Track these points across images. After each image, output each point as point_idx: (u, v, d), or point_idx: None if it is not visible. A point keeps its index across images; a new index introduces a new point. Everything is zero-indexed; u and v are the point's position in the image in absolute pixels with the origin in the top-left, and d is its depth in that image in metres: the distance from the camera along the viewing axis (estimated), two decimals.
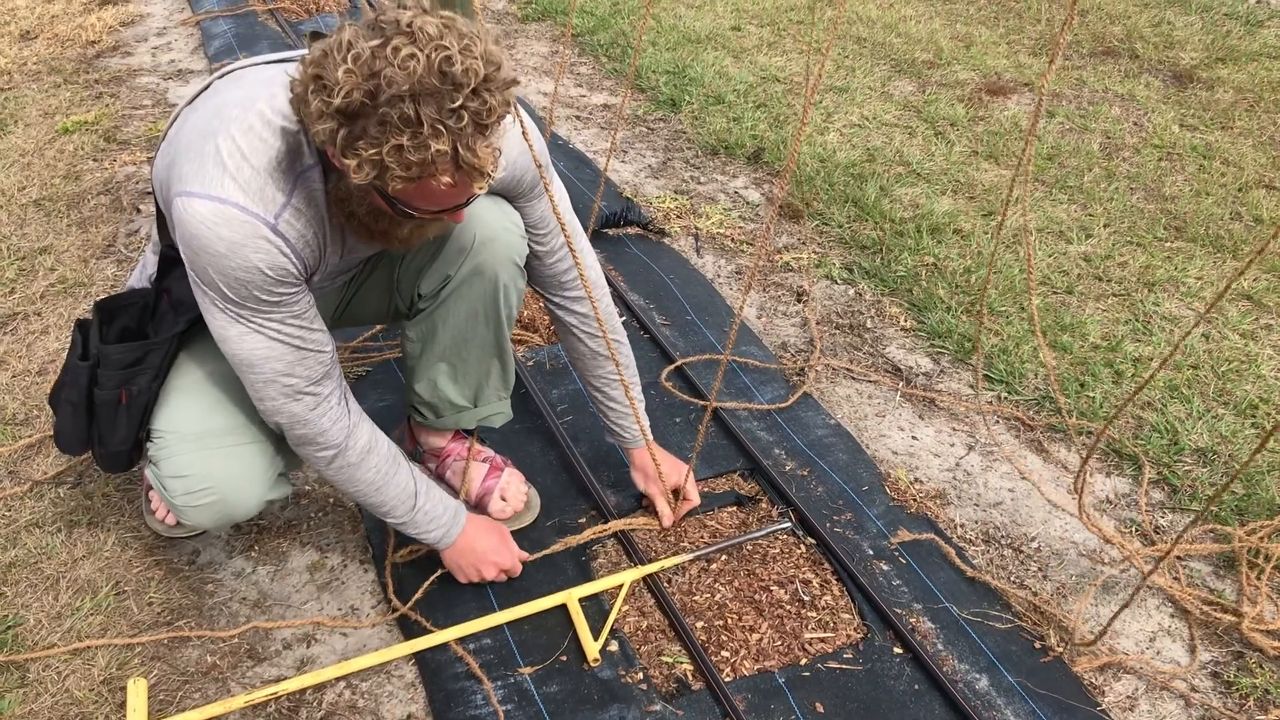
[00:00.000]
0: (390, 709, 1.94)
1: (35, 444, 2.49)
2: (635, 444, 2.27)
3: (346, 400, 1.88)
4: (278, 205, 1.63)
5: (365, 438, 1.89)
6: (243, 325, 1.70)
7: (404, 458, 1.98)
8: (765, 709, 1.94)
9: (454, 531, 2.05)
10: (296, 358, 1.76)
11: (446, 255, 2.02)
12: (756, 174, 3.98)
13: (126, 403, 1.90)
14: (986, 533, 2.38)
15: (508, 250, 2.01)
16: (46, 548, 2.22)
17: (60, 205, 3.51)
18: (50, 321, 2.93)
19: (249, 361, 1.74)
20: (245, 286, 1.65)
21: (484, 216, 1.98)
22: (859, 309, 3.17)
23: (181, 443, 1.88)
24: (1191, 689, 2.04)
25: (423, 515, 1.99)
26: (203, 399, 1.91)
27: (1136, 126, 4.47)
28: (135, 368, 1.89)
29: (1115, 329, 3.08)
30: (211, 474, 1.88)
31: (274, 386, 1.77)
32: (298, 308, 1.74)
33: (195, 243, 1.61)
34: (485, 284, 2.05)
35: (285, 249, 1.65)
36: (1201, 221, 3.68)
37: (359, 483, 1.91)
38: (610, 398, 2.23)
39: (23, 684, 1.94)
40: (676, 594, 2.16)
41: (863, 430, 2.68)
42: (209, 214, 1.59)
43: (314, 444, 1.85)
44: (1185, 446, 2.62)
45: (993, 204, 3.76)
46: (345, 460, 1.88)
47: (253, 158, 1.61)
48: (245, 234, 1.61)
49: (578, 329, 2.16)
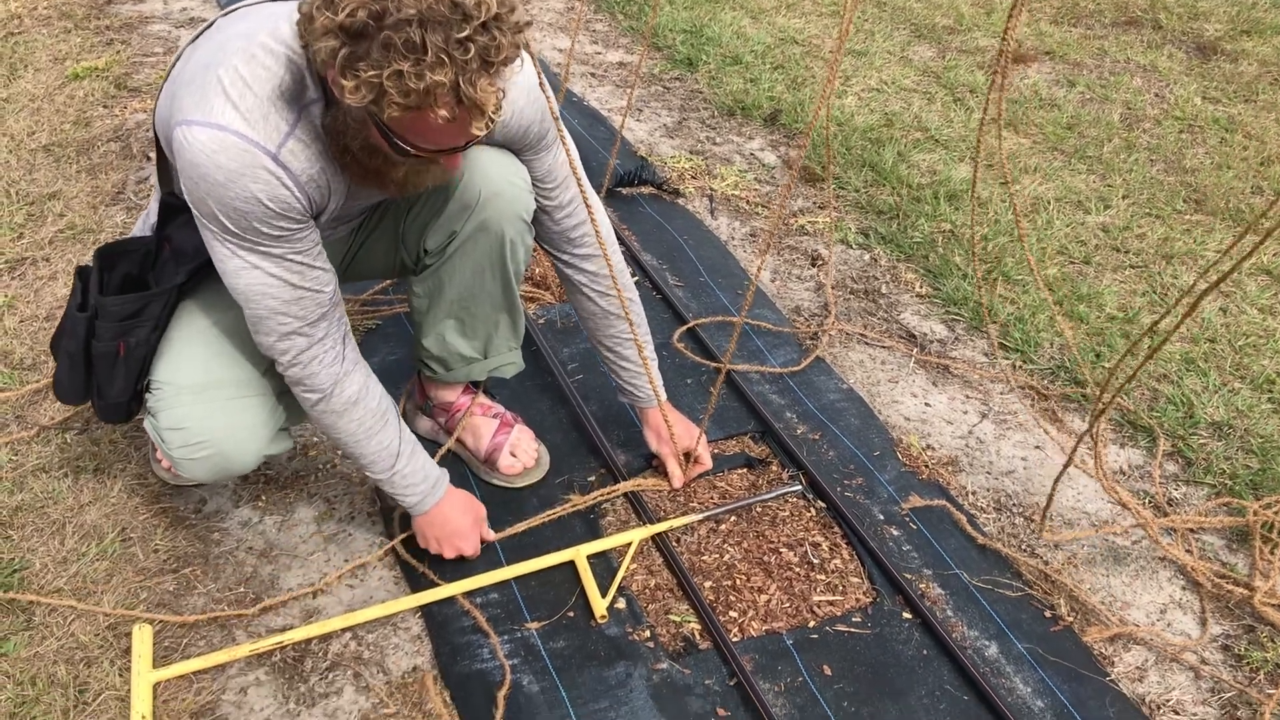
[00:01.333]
0: (396, 660, 1.93)
1: (42, 389, 2.48)
2: (648, 404, 2.25)
3: (344, 346, 1.84)
4: (280, 135, 1.60)
5: (354, 389, 1.86)
6: (241, 259, 1.67)
7: (395, 416, 1.95)
8: (772, 670, 1.93)
9: (429, 501, 2.01)
10: (293, 296, 1.73)
11: (451, 211, 1.99)
12: (773, 136, 3.93)
13: (124, 354, 1.87)
14: (998, 500, 2.36)
15: (514, 206, 1.98)
16: (53, 492, 2.21)
17: (70, 151, 3.48)
18: (59, 267, 2.90)
19: (246, 295, 1.71)
20: (245, 218, 1.61)
21: (489, 171, 1.94)
22: (874, 274, 3.14)
23: (180, 394, 1.86)
24: (1202, 661, 2.02)
25: (400, 478, 1.96)
26: (203, 351, 1.89)
27: (1158, 98, 4.41)
28: (133, 320, 1.86)
29: (1132, 300, 3.05)
30: (210, 427, 1.86)
31: (269, 322, 1.74)
32: (302, 244, 1.71)
33: (194, 171, 1.58)
34: (491, 240, 2.01)
35: (287, 180, 1.62)
36: (1222, 195, 3.63)
37: (339, 431, 1.89)
38: (623, 357, 2.20)
39: (28, 627, 1.94)
40: (685, 554, 2.15)
41: (875, 396, 2.65)
42: (208, 142, 1.55)
43: (302, 384, 1.83)
44: (1201, 420, 2.60)
45: (1011, 171, 3.71)
46: (329, 407, 1.85)
47: (255, 85, 1.57)
48: (245, 163, 1.57)
49: (589, 288, 2.13)
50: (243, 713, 1.83)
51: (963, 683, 1.92)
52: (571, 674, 1.90)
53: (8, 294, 2.79)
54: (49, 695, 1.82)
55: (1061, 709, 1.89)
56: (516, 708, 1.83)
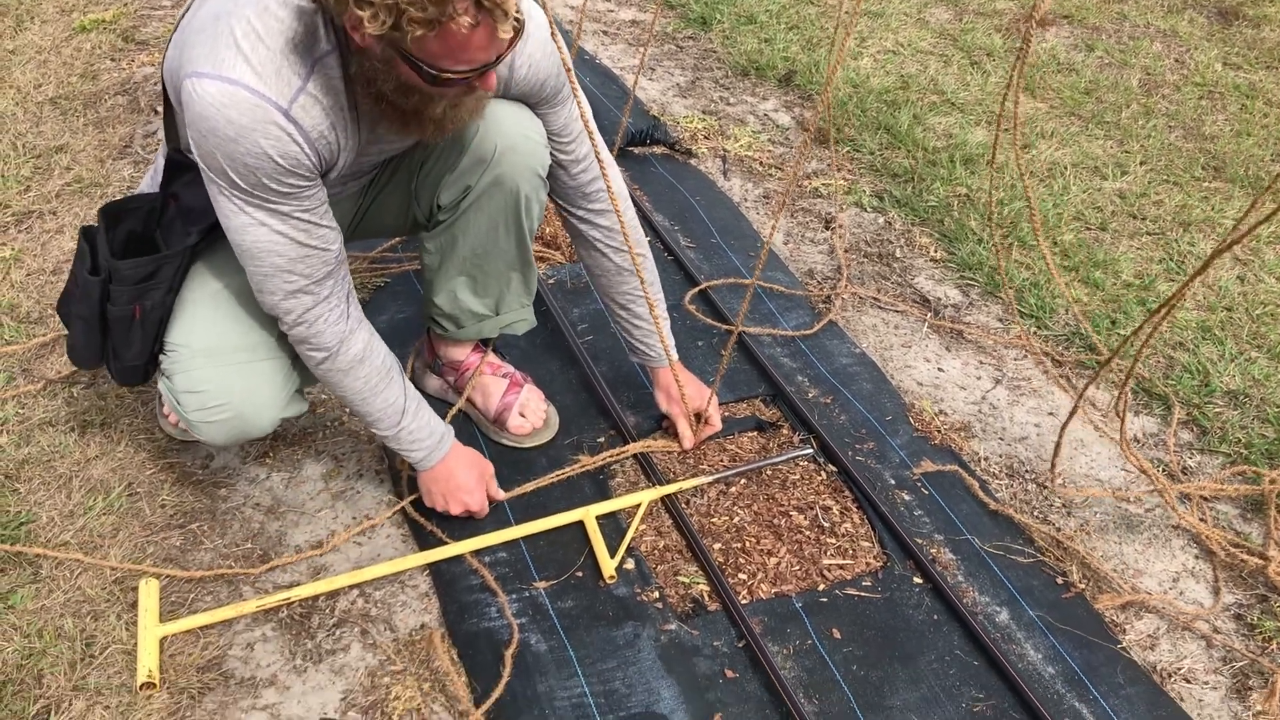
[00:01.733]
0: (403, 618, 1.93)
1: (49, 343, 2.46)
2: (659, 363, 2.23)
3: (348, 304, 1.83)
4: (293, 90, 1.57)
5: (359, 347, 1.85)
6: (248, 215, 1.65)
7: (400, 373, 1.94)
8: (781, 632, 1.92)
9: (435, 456, 2.00)
10: (299, 254, 1.70)
11: (466, 165, 1.95)
12: (787, 97, 3.88)
13: (140, 318, 1.85)
14: (1011, 467, 2.34)
15: (529, 160, 1.95)
16: (59, 446, 2.20)
17: (77, 104, 3.45)
18: (65, 221, 2.88)
19: (251, 252, 1.69)
20: (254, 174, 1.59)
21: (505, 125, 1.90)
22: (888, 238, 3.11)
23: (196, 357, 1.84)
24: (1214, 630, 2.01)
25: (406, 434, 1.95)
26: (218, 313, 1.87)
27: (1178, 63, 4.35)
28: (148, 283, 1.83)
29: (1149, 267, 3.01)
30: (227, 390, 1.85)
31: (274, 281, 1.72)
32: (309, 201, 1.68)
33: (203, 125, 1.55)
34: (506, 195, 1.98)
35: (298, 136, 1.59)
36: (1241, 162, 3.58)
37: (345, 389, 1.88)
38: (635, 315, 2.18)
39: (35, 579, 1.93)
40: (695, 515, 2.14)
41: (888, 360, 2.63)
42: (218, 95, 1.52)
43: (307, 343, 1.81)
44: (1216, 388, 2.57)
45: (1027, 136, 3.67)
46: (335, 365, 1.84)
47: (268, 39, 1.54)
48: (255, 118, 1.54)
49: (602, 243, 2.10)
50: (249, 668, 1.83)
51: (973, 648, 1.91)
52: (579, 634, 1.89)
53: (14, 247, 2.77)
54: (56, 648, 1.81)
55: (1072, 676, 1.88)
56: (524, 666, 1.83)
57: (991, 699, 1.83)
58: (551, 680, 1.81)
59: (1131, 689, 1.86)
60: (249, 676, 1.81)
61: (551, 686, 1.80)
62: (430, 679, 1.82)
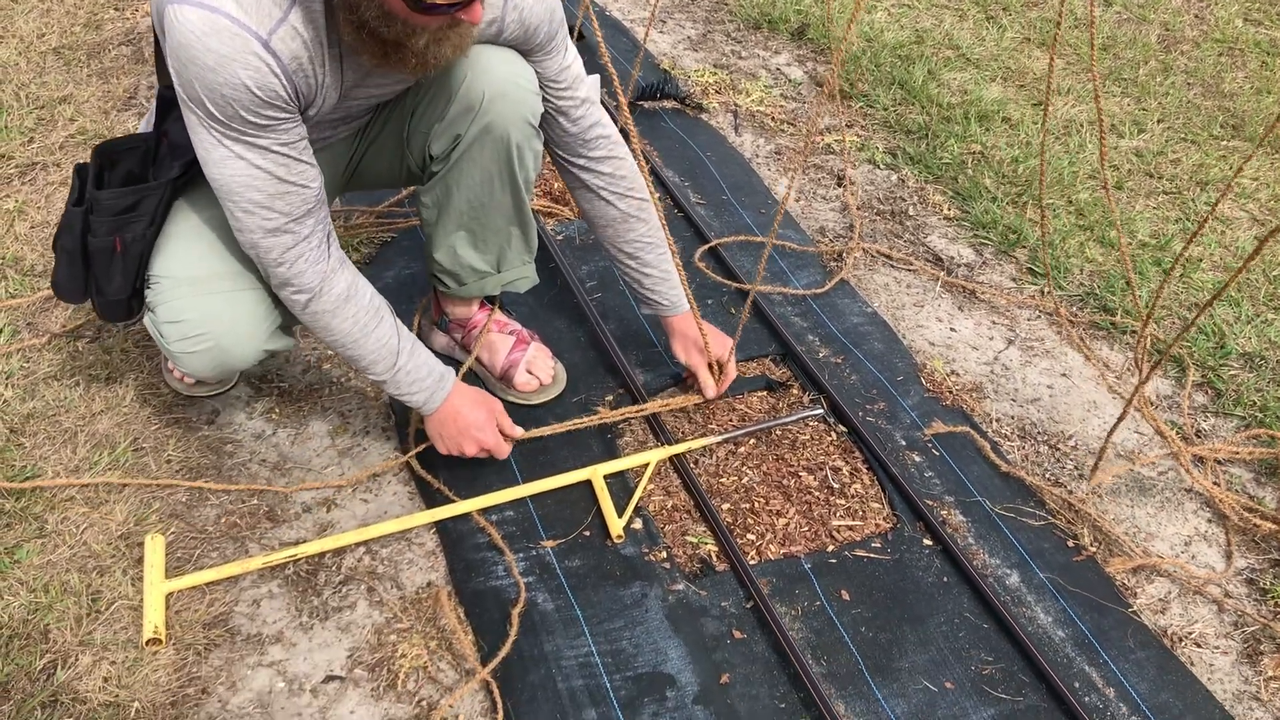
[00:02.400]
0: (410, 576, 1.92)
1: (54, 296, 2.44)
2: (676, 310, 2.18)
3: (329, 245, 1.80)
4: (273, 20, 1.54)
5: (343, 285, 1.81)
6: (225, 148, 1.62)
7: (390, 313, 1.90)
8: (790, 593, 1.91)
9: (438, 396, 1.95)
10: (278, 190, 1.68)
11: (454, 114, 1.91)
12: (800, 51, 3.82)
13: (121, 251, 1.83)
14: (1023, 428, 2.32)
15: (519, 108, 1.90)
16: (65, 401, 2.18)
17: (80, 54, 3.40)
18: (69, 173, 2.85)
19: (229, 188, 1.67)
20: (231, 105, 1.56)
21: (493, 72, 1.86)
22: (901, 195, 3.06)
23: (178, 286, 1.83)
24: (1226, 594, 1.99)
25: (404, 375, 1.91)
26: (200, 244, 1.85)
27: (1198, 19, 4.28)
28: (129, 214, 1.81)
29: (1165, 227, 2.97)
30: (207, 319, 1.83)
31: (253, 218, 1.69)
32: (287, 136, 1.66)
33: (183, 53, 1.52)
34: (497, 144, 1.94)
35: (276, 68, 1.57)
36: (1261, 120, 3.52)
37: (335, 332, 1.84)
38: (645, 264, 2.14)
39: (41, 534, 1.92)
40: (703, 475, 2.12)
41: (900, 320, 2.60)
42: (199, 23, 1.50)
43: (290, 285, 1.78)
44: (1232, 350, 2.54)
45: (1043, 93, 3.60)
46: (320, 306, 1.80)
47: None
48: (235, 48, 1.52)
49: (606, 190, 2.06)
50: (255, 624, 1.82)
51: (982, 611, 1.90)
52: (587, 593, 1.88)
53: (18, 199, 2.74)
54: (62, 603, 1.81)
55: (1082, 639, 1.86)
56: (531, 625, 1.82)
57: (1000, 662, 1.82)
58: (558, 639, 1.80)
59: (1142, 653, 1.85)
60: (255, 633, 1.81)
61: (558, 645, 1.79)
62: (437, 637, 1.82)
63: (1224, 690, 1.83)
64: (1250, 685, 1.84)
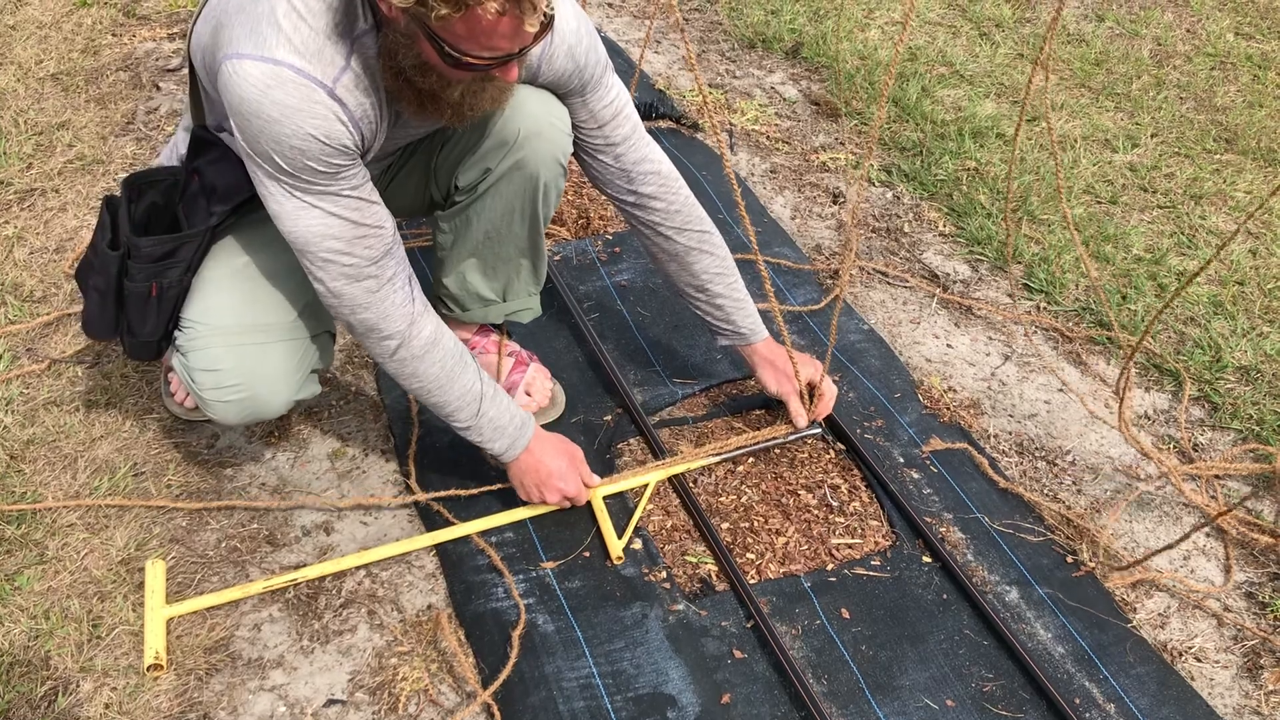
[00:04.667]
0: (410, 598, 1.92)
1: (53, 322, 2.45)
2: (756, 337, 2.16)
3: (412, 287, 1.78)
4: (336, 69, 1.55)
5: (430, 328, 1.80)
6: (298, 199, 1.62)
7: (471, 357, 1.88)
8: (790, 612, 1.91)
9: (520, 443, 1.93)
10: (355, 234, 1.67)
11: (488, 147, 1.93)
12: (794, 69, 3.84)
13: (157, 295, 1.83)
14: (1020, 444, 2.32)
15: (552, 148, 1.91)
16: (65, 427, 2.19)
17: (78, 80, 3.42)
18: (68, 199, 2.86)
19: (305, 239, 1.66)
20: (301, 156, 1.57)
21: (530, 110, 1.87)
22: (897, 212, 3.08)
23: (213, 335, 1.83)
24: (1225, 608, 2.00)
25: (487, 422, 1.89)
26: (236, 293, 1.85)
27: (1189, 33, 4.30)
28: (167, 261, 1.82)
29: (1160, 241, 2.99)
30: (242, 370, 1.83)
31: (333, 267, 1.68)
32: (355, 180, 1.66)
33: (246, 108, 1.53)
34: (526, 181, 1.95)
35: (343, 115, 1.57)
36: (1253, 134, 3.54)
37: (422, 377, 1.82)
38: (717, 294, 2.11)
39: (41, 560, 1.93)
40: (702, 495, 2.13)
41: (896, 336, 2.61)
42: (262, 76, 1.50)
43: (377, 331, 1.76)
44: (1228, 364, 2.55)
45: (1036, 108, 3.62)
46: (409, 351, 1.79)
47: (310, 19, 1.52)
48: (301, 98, 1.53)
49: (664, 225, 2.03)
50: (256, 649, 1.82)
51: (982, 627, 1.90)
52: (587, 614, 1.88)
53: (17, 225, 2.75)
54: (63, 629, 1.81)
55: (1082, 655, 1.87)
56: (531, 647, 1.82)
57: (1001, 679, 1.82)
58: (559, 661, 1.80)
59: (1142, 668, 1.85)
60: (256, 657, 1.81)
61: (559, 667, 1.79)
62: (438, 660, 1.82)
63: (1225, 705, 1.83)
64: (1251, 699, 1.85)
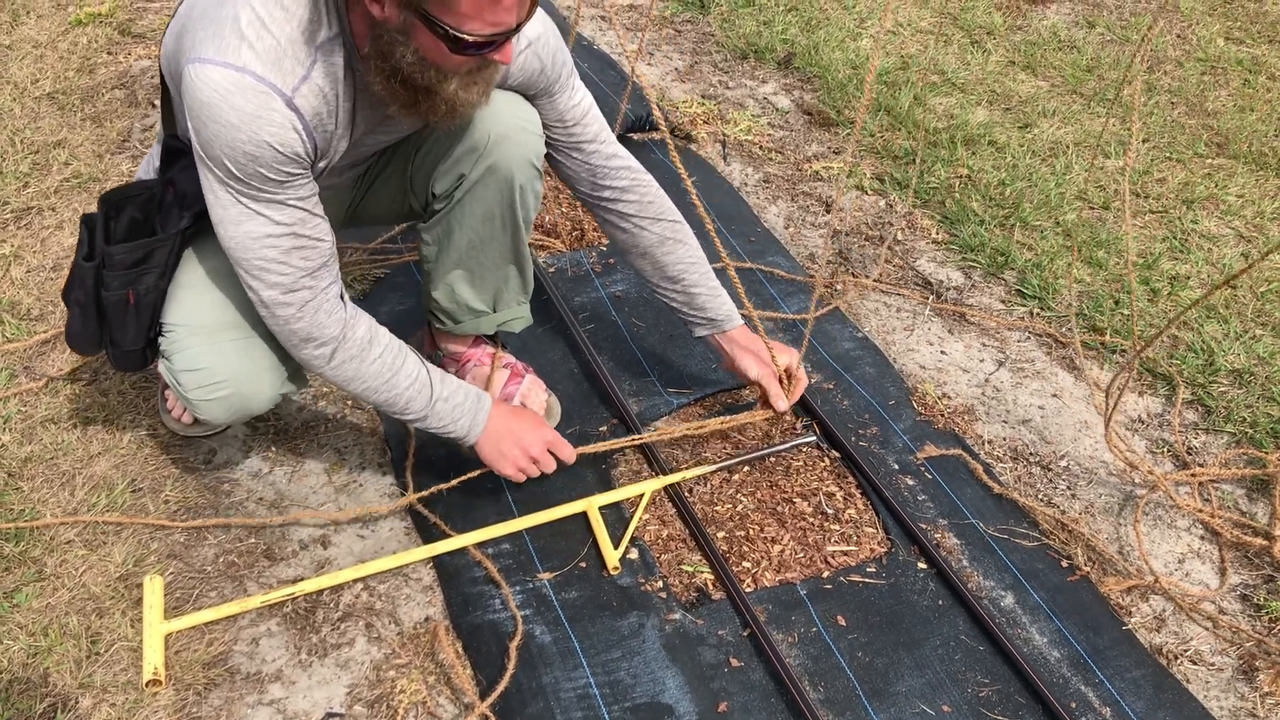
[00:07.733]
0: (408, 611, 1.93)
1: (50, 340, 2.46)
2: (732, 323, 2.17)
3: (344, 297, 1.81)
4: (296, 78, 1.57)
5: (364, 329, 1.82)
6: (242, 206, 1.63)
7: (411, 351, 1.90)
8: (786, 620, 1.92)
9: (481, 417, 1.94)
10: (293, 245, 1.69)
11: (459, 153, 1.94)
12: (786, 80, 3.86)
13: (135, 303, 1.85)
14: (1015, 450, 2.33)
15: (523, 150, 1.93)
16: (62, 444, 2.20)
17: (74, 99, 3.44)
18: (65, 217, 2.87)
19: (244, 245, 1.67)
20: (253, 162, 1.58)
21: (499, 113, 1.89)
22: (890, 220, 3.09)
23: (193, 335, 1.84)
24: (1220, 611, 2.00)
25: (444, 404, 1.90)
26: (214, 292, 1.86)
27: (1180, 39, 4.32)
28: (140, 267, 1.83)
29: (1152, 246, 3.00)
30: (225, 366, 1.84)
31: (268, 275, 1.70)
32: (302, 191, 1.67)
33: (205, 112, 1.54)
34: (501, 184, 1.97)
35: (298, 125, 1.59)
36: (1245, 138, 3.56)
37: (366, 376, 1.83)
38: (691, 284, 2.13)
39: (40, 577, 1.93)
40: (698, 504, 2.13)
41: (890, 344, 2.62)
42: (222, 81, 1.52)
43: (311, 341, 1.78)
44: (1221, 367, 2.56)
45: (1029, 115, 3.64)
46: (346, 353, 1.80)
47: (274, 27, 1.54)
48: (259, 105, 1.54)
49: (638, 217, 2.06)
50: (255, 663, 1.83)
51: (978, 633, 1.91)
52: (584, 624, 1.89)
53: (14, 244, 2.76)
54: (61, 646, 1.82)
55: (1078, 659, 1.87)
56: (529, 658, 1.83)
57: (997, 684, 1.83)
58: (556, 671, 1.81)
59: (1137, 672, 1.86)
60: (254, 672, 1.82)
61: (557, 678, 1.80)
62: (435, 672, 1.83)
63: (1220, 707, 1.84)
64: (1246, 701, 1.85)
